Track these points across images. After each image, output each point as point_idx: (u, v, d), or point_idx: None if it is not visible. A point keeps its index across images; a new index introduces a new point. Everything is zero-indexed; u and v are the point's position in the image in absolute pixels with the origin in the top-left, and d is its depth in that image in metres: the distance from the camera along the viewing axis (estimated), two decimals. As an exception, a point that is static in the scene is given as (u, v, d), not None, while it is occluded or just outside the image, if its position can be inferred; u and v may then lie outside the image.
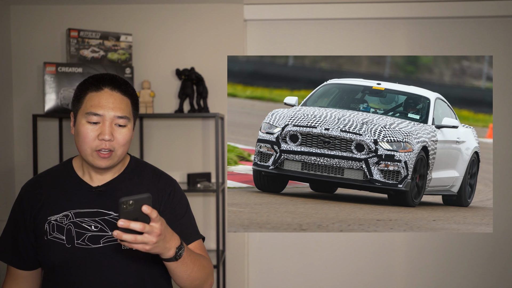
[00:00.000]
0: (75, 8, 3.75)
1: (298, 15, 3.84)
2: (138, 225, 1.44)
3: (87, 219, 1.75)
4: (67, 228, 1.74)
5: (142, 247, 1.49)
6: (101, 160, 1.71)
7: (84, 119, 1.70)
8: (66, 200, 1.77)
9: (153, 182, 1.84)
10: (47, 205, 1.77)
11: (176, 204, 1.85)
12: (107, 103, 1.70)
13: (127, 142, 1.75)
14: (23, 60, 3.75)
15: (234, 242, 3.84)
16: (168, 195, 1.84)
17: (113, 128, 1.71)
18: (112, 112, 1.70)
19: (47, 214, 1.76)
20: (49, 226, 1.74)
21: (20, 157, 3.76)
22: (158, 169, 1.93)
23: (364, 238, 3.96)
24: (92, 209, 1.75)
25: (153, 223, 1.48)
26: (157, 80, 3.76)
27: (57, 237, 1.74)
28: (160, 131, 3.81)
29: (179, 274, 1.66)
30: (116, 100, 1.72)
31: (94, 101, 1.70)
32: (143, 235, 1.47)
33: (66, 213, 1.75)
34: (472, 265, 3.95)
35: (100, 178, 1.80)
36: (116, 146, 1.72)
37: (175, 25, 3.79)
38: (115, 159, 1.74)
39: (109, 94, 1.72)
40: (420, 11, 3.82)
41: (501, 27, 3.87)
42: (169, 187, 1.86)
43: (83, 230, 1.74)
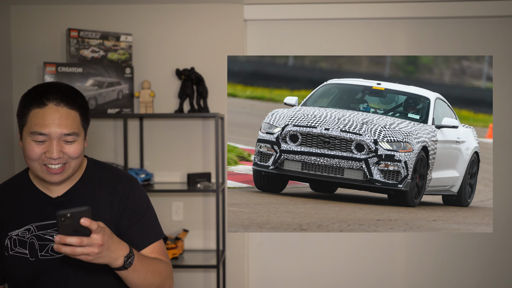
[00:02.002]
0: (75, 8, 3.75)
1: (298, 15, 3.84)
2: (74, 239, 1.41)
3: (49, 231, 1.71)
4: (29, 241, 1.70)
5: (85, 258, 1.46)
6: (52, 176, 1.64)
7: (29, 137, 1.61)
8: (26, 213, 1.72)
9: (113, 184, 1.78)
10: (7, 220, 1.72)
11: (136, 203, 1.80)
12: (52, 121, 1.59)
13: (80, 154, 1.67)
14: (23, 60, 3.75)
15: (234, 242, 3.84)
16: (127, 195, 1.78)
17: (61, 145, 1.62)
18: (59, 130, 1.60)
19: (8, 229, 1.71)
20: (10, 241, 1.70)
21: (20, 157, 3.76)
22: (118, 170, 1.86)
23: (364, 238, 3.96)
24: (54, 220, 1.71)
25: (94, 234, 1.44)
26: (157, 80, 3.76)
27: (19, 251, 1.70)
28: (160, 131, 3.81)
29: (131, 281, 1.64)
30: (62, 116, 1.60)
31: (38, 119, 1.59)
32: (82, 248, 1.43)
33: (28, 227, 1.71)
34: (472, 265, 3.95)
35: (58, 188, 1.74)
36: (67, 159, 1.65)
37: (175, 25, 3.79)
38: (69, 171, 1.67)
39: (54, 110, 1.60)
40: (420, 11, 3.82)
41: (501, 27, 3.87)
42: (128, 187, 1.79)
43: (46, 242, 1.70)
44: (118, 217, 1.76)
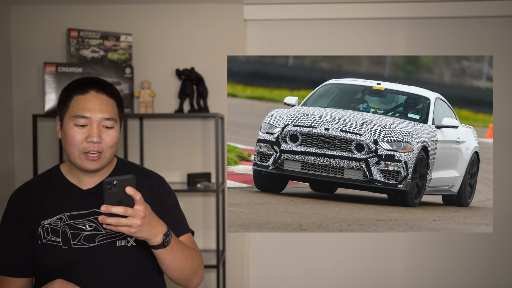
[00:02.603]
0: (75, 8, 3.75)
1: (298, 15, 3.84)
2: (119, 209, 1.47)
3: (81, 220, 1.76)
4: (62, 230, 1.74)
5: (127, 230, 1.51)
6: (90, 163, 1.72)
7: (71, 122, 1.71)
8: (58, 204, 1.77)
9: (142, 181, 1.85)
10: (40, 210, 1.77)
11: (165, 199, 1.89)
12: (93, 106, 1.72)
13: (115, 144, 1.77)
14: (23, 60, 3.75)
15: (234, 242, 3.84)
16: (157, 191, 1.87)
17: (100, 130, 1.72)
18: (100, 114, 1.72)
19: (40, 219, 1.76)
20: (43, 230, 1.75)
21: (20, 157, 3.76)
22: (145, 168, 1.97)
23: (364, 238, 3.96)
24: (85, 210, 1.77)
25: (137, 205, 1.51)
26: (157, 80, 3.76)
27: (52, 239, 1.74)
28: (160, 131, 3.81)
29: (168, 263, 1.69)
30: (102, 102, 1.73)
31: (81, 104, 1.72)
32: (127, 218, 1.49)
33: (60, 216, 1.76)
34: (472, 265, 3.95)
35: (89, 181, 1.81)
36: (104, 148, 1.74)
37: (175, 25, 3.79)
38: (104, 160, 1.75)
39: (95, 97, 1.73)
40: (420, 11, 3.82)
41: (501, 27, 3.87)
42: (158, 183, 1.89)
43: (78, 231, 1.75)
44: None
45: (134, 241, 1.78)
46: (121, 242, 1.77)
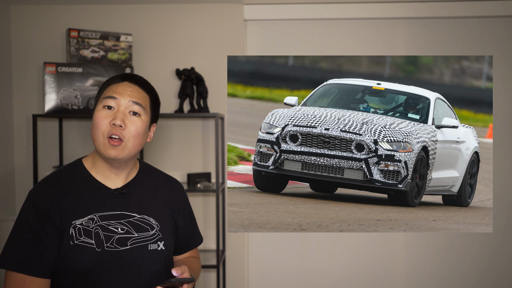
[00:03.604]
0: (75, 8, 3.75)
1: (298, 15, 3.84)
2: None
3: (112, 222, 1.73)
4: (95, 231, 1.70)
5: None
6: (111, 149, 1.71)
7: (100, 104, 1.74)
8: (88, 202, 1.73)
9: (169, 187, 1.92)
10: (70, 208, 1.71)
11: (187, 204, 1.98)
12: (124, 91, 1.75)
13: (139, 135, 1.76)
14: (23, 60, 3.75)
15: (234, 242, 3.84)
16: (181, 196, 1.95)
17: (126, 115, 1.73)
18: (128, 98, 1.74)
19: (71, 218, 1.70)
20: (75, 231, 1.69)
21: (20, 157, 3.76)
22: (165, 173, 2.01)
23: (364, 238, 3.96)
24: (116, 211, 1.75)
25: None
26: (157, 80, 3.76)
27: (85, 241, 1.69)
28: (160, 131, 3.81)
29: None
30: (133, 90, 1.77)
31: (113, 88, 1.77)
32: None
33: (92, 217, 1.72)
34: (472, 265, 3.95)
35: (115, 179, 1.80)
36: (126, 136, 1.73)
37: (175, 25, 3.79)
38: (125, 151, 1.73)
39: (128, 85, 1.78)
40: (420, 11, 3.82)
41: (501, 27, 3.87)
42: (180, 189, 1.98)
43: (110, 233, 1.72)
44: (175, 214, 1.91)
45: (163, 245, 1.81)
46: (152, 246, 1.77)
